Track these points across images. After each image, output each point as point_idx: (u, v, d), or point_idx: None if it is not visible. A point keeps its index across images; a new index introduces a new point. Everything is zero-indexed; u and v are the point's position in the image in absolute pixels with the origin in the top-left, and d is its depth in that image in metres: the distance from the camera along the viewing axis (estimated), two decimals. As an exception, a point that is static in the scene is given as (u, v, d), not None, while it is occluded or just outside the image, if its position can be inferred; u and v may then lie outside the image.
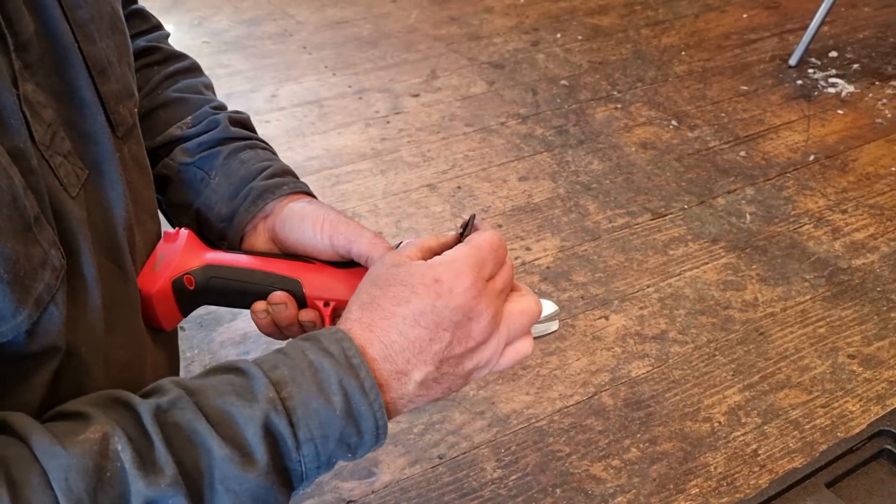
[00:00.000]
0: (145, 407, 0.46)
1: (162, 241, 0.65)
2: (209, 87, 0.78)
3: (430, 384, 0.53)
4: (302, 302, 0.62)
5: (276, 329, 0.63)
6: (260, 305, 0.63)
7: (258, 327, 0.64)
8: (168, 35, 0.80)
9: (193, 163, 0.70)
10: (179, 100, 0.74)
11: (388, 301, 0.52)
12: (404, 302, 0.52)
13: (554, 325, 0.65)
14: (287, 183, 0.68)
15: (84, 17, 0.55)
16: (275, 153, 0.75)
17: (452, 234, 0.61)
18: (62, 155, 0.51)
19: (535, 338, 0.61)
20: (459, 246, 0.55)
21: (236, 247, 0.68)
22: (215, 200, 0.68)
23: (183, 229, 0.65)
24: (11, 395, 0.48)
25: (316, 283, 0.62)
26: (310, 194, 0.70)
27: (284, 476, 0.48)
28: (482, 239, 0.56)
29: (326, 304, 0.62)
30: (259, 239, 0.67)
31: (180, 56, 0.78)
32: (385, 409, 0.50)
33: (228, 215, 0.67)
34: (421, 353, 0.52)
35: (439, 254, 0.56)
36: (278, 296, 0.62)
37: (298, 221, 0.64)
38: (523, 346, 0.57)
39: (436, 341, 0.52)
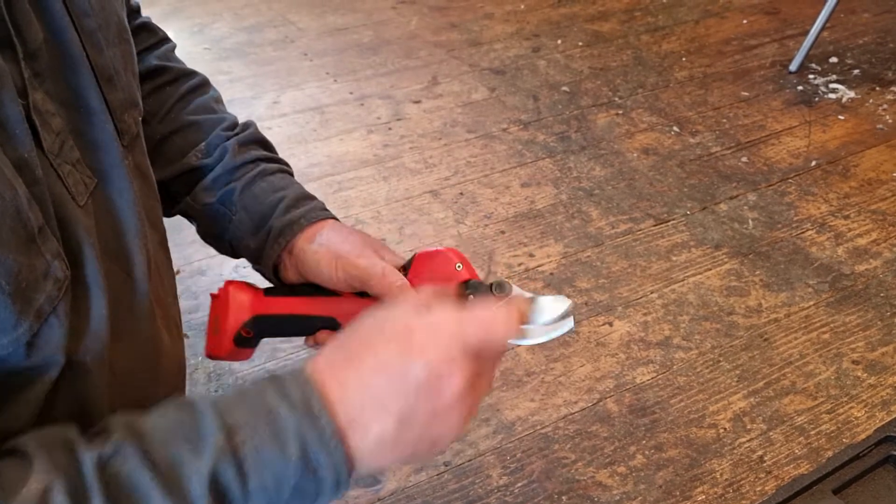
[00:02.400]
0: (88, 457, 0.43)
1: (212, 301, 0.71)
2: (219, 100, 0.79)
3: (390, 444, 0.48)
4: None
5: None
6: (309, 341, 0.69)
7: None
8: (175, 47, 0.80)
9: (215, 202, 0.72)
10: (193, 124, 0.74)
11: (358, 344, 0.50)
12: (372, 348, 0.49)
13: (568, 324, 0.61)
14: (303, 215, 0.69)
15: (92, 25, 0.55)
16: (285, 166, 0.75)
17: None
18: (70, 163, 0.51)
19: (545, 341, 0.61)
20: (451, 308, 0.51)
21: (271, 275, 0.71)
22: (241, 236, 0.71)
23: (225, 285, 0.71)
24: (9, 406, 0.48)
25: (350, 316, 0.65)
26: (326, 217, 0.70)
27: None
28: (482, 315, 0.51)
29: None
30: (290, 272, 0.70)
31: (190, 73, 0.79)
32: (346, 460, 0.47)
33: (256, 251, 0.70)
34: (381, 406, 0.48)
35: None
36: (322, 336, 0.68)
37: (314, 266, 0.67)
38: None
39: (398, 397, 0.48)
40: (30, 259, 0.44)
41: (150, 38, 0.77)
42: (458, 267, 0.64)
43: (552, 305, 0.60)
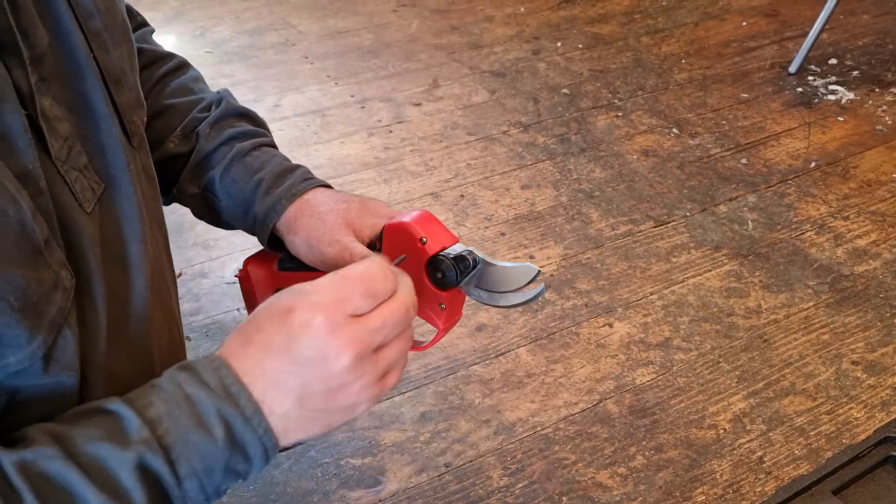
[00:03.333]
0: (8, 460, 0.43)
1: (240, 283, 0.74)
2: (198, 79, 0.78)
3: (297, 420, 0.50)
4: None
5: None
6: None
7: None
8: (153, 31, 0.79)
9: (200, 192, 0.73)
10: (170, 108, 0.74)
11: (253, 329, 0.50)
12: (263, 332, 0.50)
13: (537, 290, 0.61)
14: (283, 195, 0.68)
15: (98, 26, 0.54)
16: (261, 137, 0.74)
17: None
18: (78, 169, 0.51)
19: (519, 304, 0.61)
20: (329, 276, 0.52)
21: (273, 252, 0.73)
22: (234, 219, 0.72)
23: (244, 267, 0.73)
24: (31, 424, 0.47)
25: None
26: (308, 188, 0.69)
27: None
28: (352, 270, 0.52)
29: None
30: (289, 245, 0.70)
31: (166, 56, 0.77)
32: (270, 432, 0.49)
33: (250, 231, 0.71)
34: (279, 387, 0.49)
35: None
36: None
37: (295, 253, 0.68)
38: (392, 378, 0.53)
39: (292, 376, 0.49)
40: (38, 272, 0.44)
41: (129, 21, 0.77)
42: (423, 241, 0.61)
43: (519, 272, 0.61)
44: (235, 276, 0.76)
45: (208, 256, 1.46)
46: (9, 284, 0.42)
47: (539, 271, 0.60)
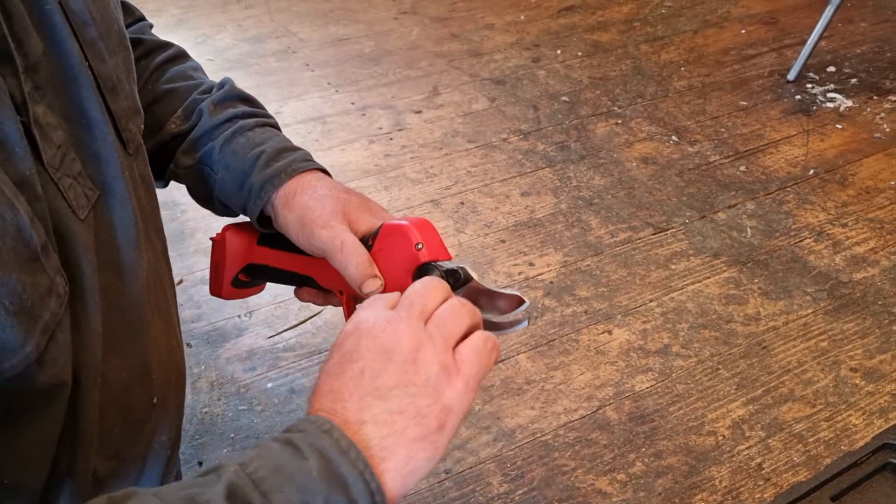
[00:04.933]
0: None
1: (212, 245, 0.75)
2: (197, 69, 0.78)
3: (395, 430, 0.47)
4: (323, 289, 0.71)
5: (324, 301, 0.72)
6: (298, 292, 0.73)
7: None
8: (151, 26, 0.79)
9: (196, 164, 0.72)
10: (170, 92, 0.74)
11: (342, 359, 0.49)
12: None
13: (521, 324, 0.60)
14: (283, 169, 0.67)
15: (93, 35, 0.54)
16: (266, 118, 0.74)
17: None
18: (72, 177, 0.51)
19: (500, 331, 0.59)
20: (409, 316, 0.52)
21: (261, 229, 0.72)
22: (227, 193, 0.70)
23: (222, 232, 0.74)
24: (24, 433, 0.48)
25: (326, 277, 0.68)
26: (307, 169, 0.69)
27: None
28: (413, 287, 0.53)
29: (341, 293, 0.68)
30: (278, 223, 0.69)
31: (164, 45, 0.77)
32: (375, 473, 0.45)
33: (242, 206, 0.70)
34: (357, 387, 0.48)
35: None
36: (304, 292, 0.72)
37: (284, 230, 0.67)
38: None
39: (365, 370, 0.48)
40: (33, 277, 0.44)
41: (127, 17, 0.77)
42: (419, 246, 0.61)
43: (507, 299, 0.59)
44: (210, 238, 0.75)
45: (208, 264, 1.47)
46: (4, 288, 0.42)
47: (527, 303, 0.59)
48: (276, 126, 0.74)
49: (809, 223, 1.59)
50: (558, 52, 2.27)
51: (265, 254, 0.72)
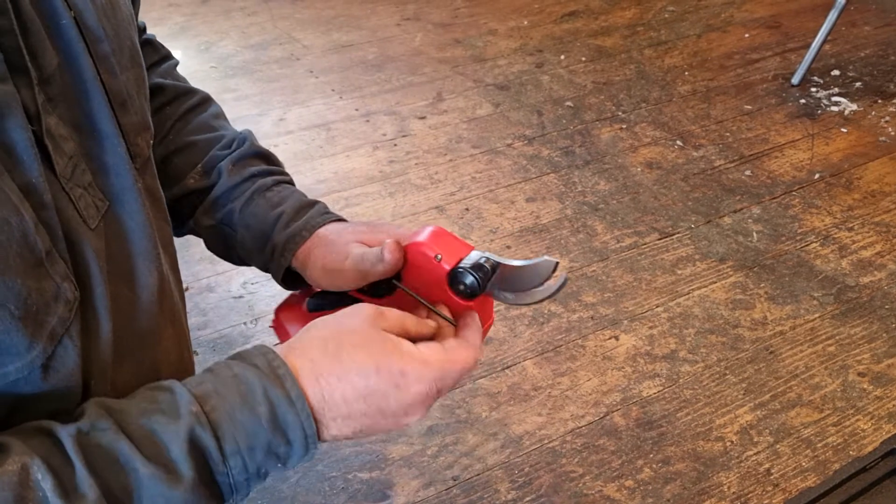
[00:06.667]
0: (66, 432, 0.45)
1: (276, 331, 0.75)
2: (219, 115, 0.80)
3: (346, 419, 0.54)
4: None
5: None
6: None
7: None
8: (177, 64, 0.82)
9: (216, 224, 0.74)
10: (190, 145, 0.76)
11: (351, 364, 0.53)
12: (364, 375, 0.53)
13: (559, 281, 0.63)
14: (303, 227, 0.70)
15: (105, 50, 0.56)
16: (282, 176, 0.76)
17: (432, 325, 0.62)
18: (82, 187, 0.52)
19: (544, 299, 0.63)
20: (438, 349, 0.56)
21: (285, 288, 0.74)
22: (248, 252, 0.73)
23: (276, 315, 0.74)
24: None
25: (381, 302, 0.69)
26: (326, 222, 0.71)
27: (213, 489, 0.49)
28: (461, 357, 0.57)
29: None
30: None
31: (189, 91, 0.79)
32: (313, 421, 0.51)
33: (263, 265, 0.73)
34: (348, 419, 0.53)
35: (412, 338, 0.57)
36: None
37: (319, 284, 0.69)
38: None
39: (366, 416, 0.53)
40: (38, 282, 0.45)
41: (154, 55, 0.79)
42: (438, 258, 0.63)
43: (538, 268, 0.62)
44: (270, 326, 0.77)
45: (214, 271, 1.47)
46: (10, 292, 0.43)
47: (557, 263, 0.61)
48: (291, 182, 0.77)
49: (815, 227, 1.58)
50: (562, 57, 2.27)
51: (320, 316, 0.75)
